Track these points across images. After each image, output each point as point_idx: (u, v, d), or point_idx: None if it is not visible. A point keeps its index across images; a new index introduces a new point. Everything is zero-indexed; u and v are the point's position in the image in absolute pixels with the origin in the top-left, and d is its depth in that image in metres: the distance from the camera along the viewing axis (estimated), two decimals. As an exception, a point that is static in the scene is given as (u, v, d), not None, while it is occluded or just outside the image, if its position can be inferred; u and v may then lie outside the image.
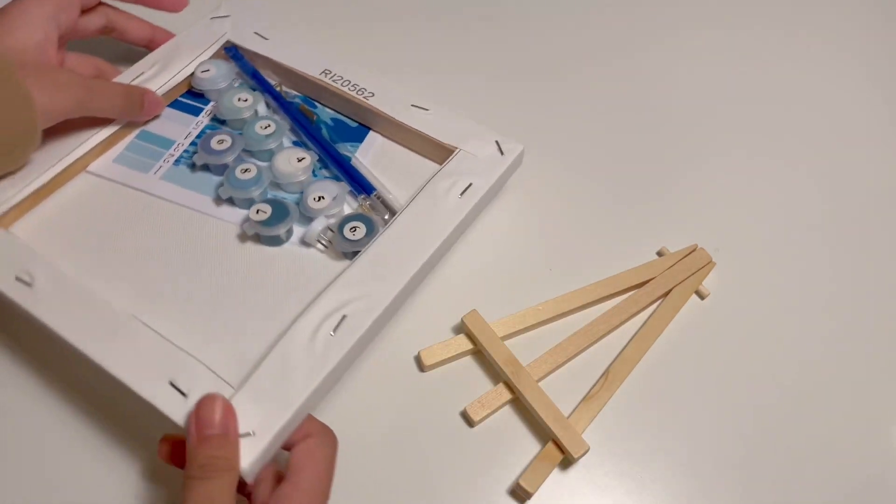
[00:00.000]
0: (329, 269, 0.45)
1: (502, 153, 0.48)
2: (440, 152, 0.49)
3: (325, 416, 0.43)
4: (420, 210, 0.45)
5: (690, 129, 0.54)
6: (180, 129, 0.52)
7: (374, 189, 0.48)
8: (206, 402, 0.35)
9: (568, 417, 0.42)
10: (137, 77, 0.51)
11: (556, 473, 0.42)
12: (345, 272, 0.42)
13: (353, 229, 0.45)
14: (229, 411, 0.36)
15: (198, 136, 0.51)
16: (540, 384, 0.43)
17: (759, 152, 0.54)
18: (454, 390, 0.44)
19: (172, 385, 0.38)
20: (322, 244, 0.46)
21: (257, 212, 0.45)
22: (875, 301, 0.48)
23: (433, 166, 0.50)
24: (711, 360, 0.46)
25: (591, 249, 0.49)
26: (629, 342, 0.45)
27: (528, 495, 0.41)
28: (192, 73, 0.53)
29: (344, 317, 0.40)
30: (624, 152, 0.53)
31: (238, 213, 0.48)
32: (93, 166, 0.49)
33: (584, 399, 0.43)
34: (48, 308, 0.40)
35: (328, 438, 0.37)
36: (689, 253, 0.48)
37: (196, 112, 0.53)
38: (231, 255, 0.46)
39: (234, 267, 0.45)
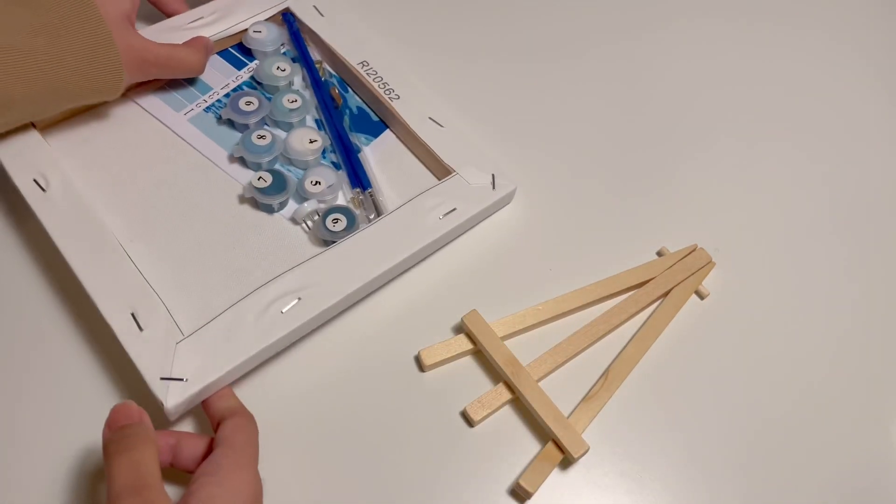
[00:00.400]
0: (305, 250, 0.47)
1: (494, 188, 0.49)
2: (440, 169, 0.51)
3: (326, 417, 0.43)
4: (401, 220, 0.47)
5: (691, 130, 0.54)
6: (220, 78, 0.55)
7: (370, 186, 0.49)
8: (120, 406, 0.36)
9: (568, 417, 0.42)
10: (196, 20, 0.54)
11: (556, 473, 0.42)
12: (312, 259, 0.45)
13: (336, 221, 0.47)
14: (143, 412, 0.36)
15: (233, 90, 0.54)
16: (540, 384, 0.43)
17: (759, 152, 0.54)
18: (454, 390, 0.44)
19: (133, 316, 0.41)
20: (307, 225, 0.48)
21: (259, 178, 0.48)
22: (875, 300, 0.48)
23: (432, 180, 0.51)
24: (711, 360, 0.46)
25: (591, 249, 0.49)
26: (629, 342, 0.45)
27: (529, 495, 0.41)
28: (246, 30, 0.55)
29: (298, 299, 0.43)
30: (624, 152, 0.53)
31: (246, 174, 0.50)
32: (133, 92, 0.53)
33: (584, 399, 0.43)
34: (52, 216, 0.44)
35: (252, 418, 0.39)
36: (689, 253, 0.48)
37: (239, 66, 0.56)
38: (226, 210, 0.49)
39: (224, 222, 0.48)
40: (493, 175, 0.49)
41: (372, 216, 0.48)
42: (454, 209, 0.47)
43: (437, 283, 0.48)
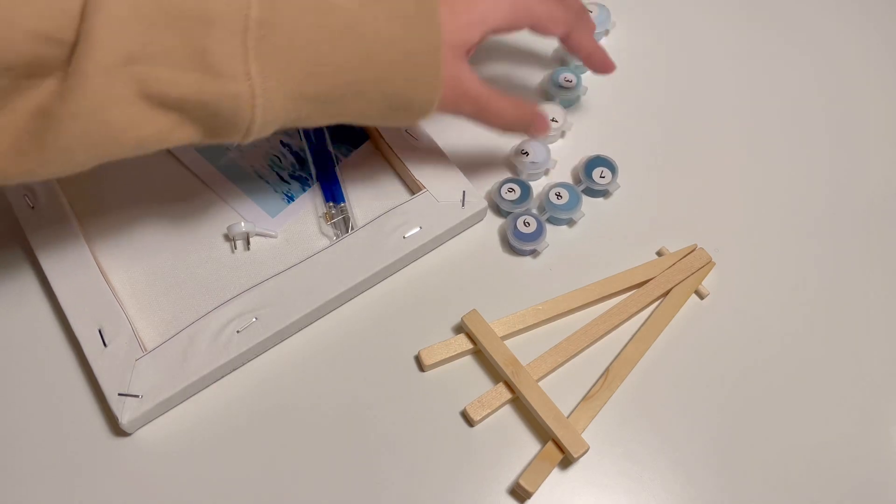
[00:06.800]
0: (275, 267, 0.46)
1: (463, 205, 0.48)
2: (412, 184, 0.50)
3: (326, 416, 0.43)
4: (364, 240, 0.47)
5: (690, 129, 0.54)
6: None
7: (343, 200, 0.49)
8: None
9: (568, 417, 0.42)
10: None
11: (556, 473, 0.42)
12: (273, 277, 0.45)
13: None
14: None
15: None
16: (540, 384, 0.43)
17: (759, 152, 0.54)
18: (454, 390, 0.44)
19: (100, 332, 0.43)
20: (234, 245, 0.48)
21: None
22: (876, 301, 0.48)
23: (405, 195, 0.50)
24: (711, 359, 0.46)
25: (591, 249, 0.49)
26: (629, 342, 0.45)
27: (528, 495, 0.41)
28: None
29: (255, 319, 0.44)
30: (623, 152, 0.53)
31: (228, 189, 0.50)
32: None
33: (583, 399, 0.43)
34: (38, 232, 0.46)
35: None
36: (689, 253, 0.48)
37: None
38: (205, 225, 0.49)
39: (202, 236, 0.48)
40: (463, 192, 0.48)
41: (337, 234, 0.48)
42: (419, 228, 0.47)
43: (436, 283, 0.48)
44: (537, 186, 0.51)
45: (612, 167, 0.50)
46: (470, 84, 0.42)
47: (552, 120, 0.51)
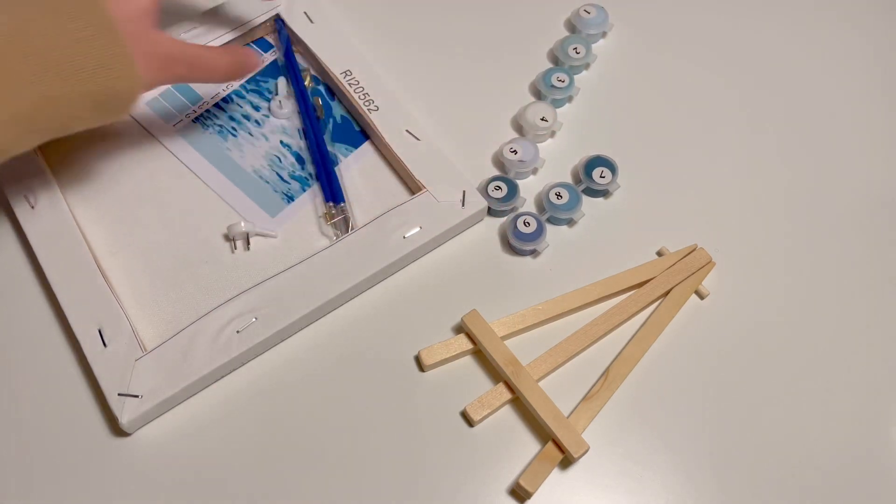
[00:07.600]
0: (274, 267, 0.46)
1: (463, 205, 0.48)
2: (413, 184, 0.50)
3: (326, 416, 0.43)
4: (364, 240, 0.47)
5: (691, 129, 0.54)
6: (211, 88, 0.54)
7: (343, 200, 0.49)
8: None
9: (568, 417, 0.42)
10: (190, 30, 0.53)
11: (556, 473, 0.42)
12: (273, 277, 0.45)
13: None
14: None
15: (222, 100, 0.53)
16: (540, 384, 0.43)
17: (759, 151, 0.54)
18: (454, 390, 0.44)
19: (99, 332, 0.43)
20: (234, 245, 0.48)
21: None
22: (875, 300, 0.48)
23: (405, 195, 0.50)
24: (711, 360, 0.46)
25: (591, 249, 0.49)
26: (629, 342, 0.45)
27: (528, 495, 0.41)
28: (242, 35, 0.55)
29: (255, 319, 0.44)
30: (623, 152, 0.53)
31: (227, 187, 0.50)
32: None
33: (583, 399, 0.43)
34: (38, 232, 0.46)
35: None
36: (689, 253, 0.48)
37: None
38: (205, 224, 0.49)
39: (202, 237, 0.48)
40: (463, 192, 0.48)
41: (338, 233, 0.48)
42: (419, 228, 0.47)
43: (436, 283, 0.48)
44: (525, 185, 0.51)
45: (612, 167, 0.50)
46: (170, 48, 0.41)
47: (542, 119, 0.52)
